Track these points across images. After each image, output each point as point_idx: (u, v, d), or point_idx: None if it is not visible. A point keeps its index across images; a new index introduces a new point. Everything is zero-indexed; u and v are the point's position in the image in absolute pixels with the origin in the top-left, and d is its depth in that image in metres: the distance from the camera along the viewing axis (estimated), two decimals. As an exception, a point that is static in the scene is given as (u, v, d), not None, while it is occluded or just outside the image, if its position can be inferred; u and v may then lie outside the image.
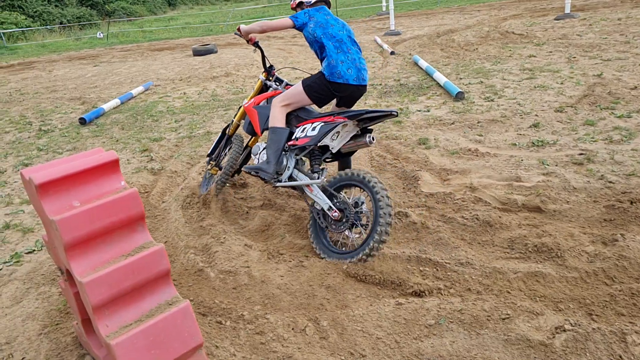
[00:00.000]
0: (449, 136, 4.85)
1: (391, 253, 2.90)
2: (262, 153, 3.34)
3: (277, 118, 3.17)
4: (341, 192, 3.06)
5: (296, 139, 3.11)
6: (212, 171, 4.04)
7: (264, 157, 3.28)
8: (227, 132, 3.97)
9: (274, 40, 14.81)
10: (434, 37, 11.48)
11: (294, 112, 3.28)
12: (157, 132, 6.22)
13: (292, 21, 3.16)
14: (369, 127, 3.08)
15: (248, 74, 9.74)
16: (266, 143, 3.25)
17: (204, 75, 10.15)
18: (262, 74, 3.65)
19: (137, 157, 5.29)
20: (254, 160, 3.41)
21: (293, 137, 3.16)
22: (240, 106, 3.82)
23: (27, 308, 2.76)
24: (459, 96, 6.05)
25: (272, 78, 3.63)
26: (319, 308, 2.53)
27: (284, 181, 3.21)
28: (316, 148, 3.14)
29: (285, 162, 3.22)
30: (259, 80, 3.66)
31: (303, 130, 3.09)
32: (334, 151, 3.08)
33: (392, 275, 2.70)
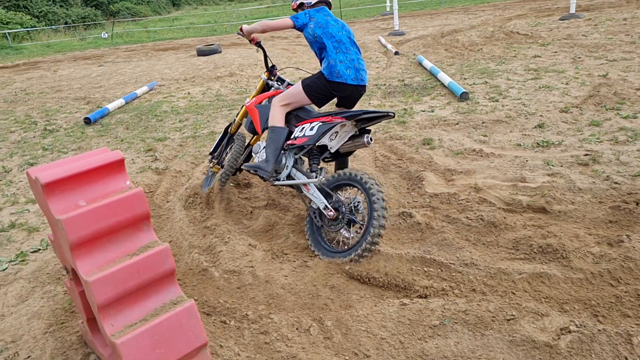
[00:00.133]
0: (454, 136, 4.83)
1: (395, 253, 2.90)
2: (262, 152, 3.37)
3: (277, 117, 3.21)
4: (338, 192, 3.07)
5: (295, 139, 3.14)
6: (214, 169, 4.10)
7: (264, 156, 3.30)
8: (229, 131, 4.02)
9: (278, 40, 14.82)
10: (438, 38, 11.45)
11: (294, 112, 3.31)
12: (162, 132, 6.24)
13: (293, 21, 3.19)
14: (367, 128, 3.10)
15: (252, 74, 9.75)
16: (265, 142, 3.28)
17: (208, 75, 10.17)
18: (265, 74, 3.70)
19: (142, 157, 5.30)
20: (255, 158, 3.44)
21: (292, 137, 3.18)
22: (242, 105, 3.86)
23: (33, 307, 2.77)
24: (464, 96, 6.03)
25: (274, 78, 3.68)
26: (323, 308, 2.53)
27: (283, 180, 3.25)
28: (315, 148, 3.16)
29: (284, 161, 3.25)
30: (261, 79, 3.70)
31: (302, 129, 3.11)
32: (333, 151, 3.11)
33: (397, 276, 2.70)
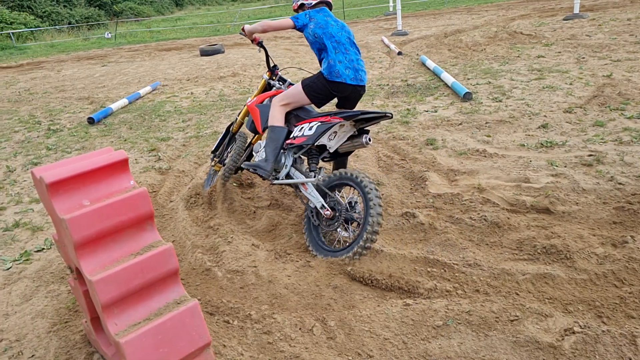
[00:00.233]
0: (457, 137, 4.83)
1: (399, 254, 2.90)
2: (262, 151, 3.40)
3: (276, 117, 3.23)
4: (336, 192, 3.10)
5: (294, 138, 3.17)
6: (216, 167, 4.14)
7: (264, 155, 3.33)
8: (231, 130, 4.05)
9: (281, 40, 14.83)
10: (442, 38, 11.43)
11: (294, 112, 3.34)
12: (165, 132, 6.25)
13: (293, 22, 3.23)
14: (366, 128, 3.13)
15: (255, 74, 9.76)
16: (265, 141, 3.30)
17: (211, 75, 10.18)
18: (266, 73, 3.73)
19: (145, 157, 5.32)
20: (255, 157, 3.46)
21: (291, 136, 3.21)
22: (245, 104, 3.90)
23: (37, 306, 2.78)
24: (467, 97, 6.02)
25: (276, 77, 3.71)
26: (326, 308, 2.53)
27: (281, 179, 3.27)
28: (314, 147, 3.18)
29: (283, 160, 3.28)
30: (263, 79, 3.74)
31: (301, 129, 3.14)
32: (332, 151, 3.13)
33: (400, 277, 2.69)
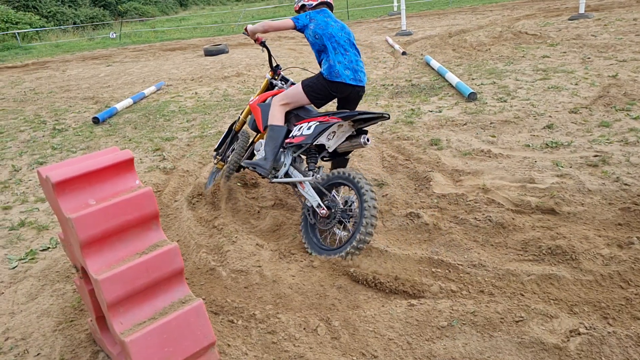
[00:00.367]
0: (461, 137, 4.81)
1: (403, 254, 2.89)
2: (262, 149, 3.43)
3: (276, 116, 3.27)
4: (334, 191, 3.12)
5: (293, 137, 3.20)
6: (218, 165, 4.19)
7: (264, 153, 3.36)
8: (234, 128, 4.09)
9: (285, 40, 14.84)
10: (446, 38, 11.41)
11: (294, 111, 3.37)
12: (169, 132, 6.27)
13: (294, 22, 3.26)
14: (364, 129, 3.16)
15: (259, 74, 9.77)
16: (265, 140, 3.34)
17: (216, 75, 10.20)
18: (269, 73, 3.78)
19: (150, 157, 5.33)
20: (257, 156, 3.49)
21: (290, 135, 3.24)
22: (247, 103, 3.93)
23: (42, 305, 2.79)
24: (472, 97, 6.00)
25: (278, 77, 3.76)
26: (331, 308, 2.53)
27: (280, 177, 3.30)
28: (313, 147, 3.20)
29: (282, 159, 3.31)
30: (266, 79, 3.78)
31: (300, 128, 3.17)
32: (331, 150, 3.16)
33: (406, 278, 2.68)
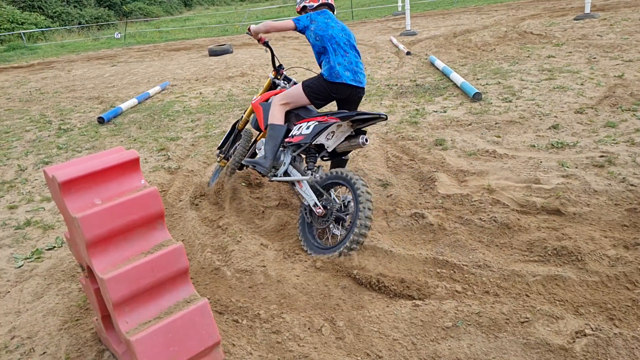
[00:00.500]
0: (466, 137, 4.80)
1: (408, 254, 2.89)
2: (263, 148, 3.45)
3: (276, 116, 3.30)
4: (331, 191, 3.14)
5: (292, 137, 3.22)
6: (221, 163, 4.22)
7: (264, 152, 3.38)
8: (237, 127, 4.13)
9: (289, 40, 14.85)
10: (451, 38, 11.38)
11: (294, 111, 3.40)
12: (174, 132, 6.28)
13: (294, 23, 3.29)
14: (363, 129, 3.19)
15: (263, 74, 9.78)
16: (265, 139, 3.37)
17: (220, 75, 10.22)
18: (272, 73, 3.80)
19: (155, 156, 5.35)
20: (258, 154, 3.51)
21: (290, 135, 3.26)
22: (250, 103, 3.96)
23: (48, 303, 2.80)
24: (476, 97, 5.99)
25: (281, 77, 3.79)
26: (335, 308, 2.53)
27: (280, 176, 3.33)
28: (312, 146, 3.22)
29: (282, 158, 3.34)
30: (269, 78, 3.82)
31: (299, 128, 3.20)
32: (330, 150, 3.18)
33: (412, 281, 2.68)
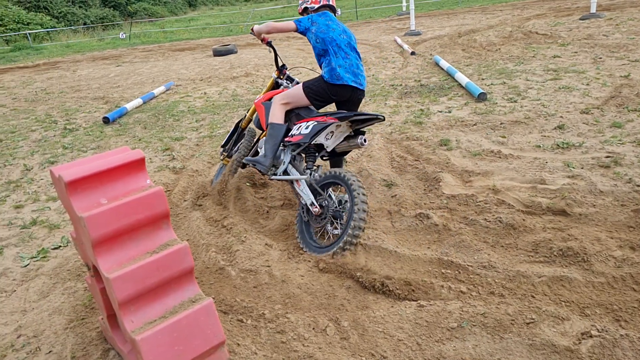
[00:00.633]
0: (471, 137, 4.79)
1: (412, 255, 2.88)
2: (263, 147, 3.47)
3: (276, 115, 3.34)
4: (330, 190, 3.16)
5: (292, 136, 3.25)
6: (224, 161, 4.26)
7: (264, 151, 3.41)
8: (240, 126, 4.17)
9: (294, 40, 14.86)
10: (455, 38, 11.35)
11: (295, 110, 3.42)
12: (179, 132, 6.30)
13: (296, 25, 3.32)
14: (362, 129, 3.22)
15: (268, 74, 9.79)
16: (265, 138, 3.41)
17: (224, 75, 10.24)
18: (275, 72, 3.83)
19: (159, 156, 5.36)
20: (260, 153, 3.53)
21: (289, 134, 3.30)
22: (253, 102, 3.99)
23: (54, 302, 2.82)
24: (481, 97, 5.97)
25: (284, 76, 3.81)
26: (340, 308, 2.52)
27: (279, 175, 3.36)
28: (311, 146, 3.25)
29: (282, 157, 3.37)
30: (272, 78, 3.84)
31: (298, 128, 3.22)
32: (329, 150, 3.22)
33: (418, 282, 2.68)
